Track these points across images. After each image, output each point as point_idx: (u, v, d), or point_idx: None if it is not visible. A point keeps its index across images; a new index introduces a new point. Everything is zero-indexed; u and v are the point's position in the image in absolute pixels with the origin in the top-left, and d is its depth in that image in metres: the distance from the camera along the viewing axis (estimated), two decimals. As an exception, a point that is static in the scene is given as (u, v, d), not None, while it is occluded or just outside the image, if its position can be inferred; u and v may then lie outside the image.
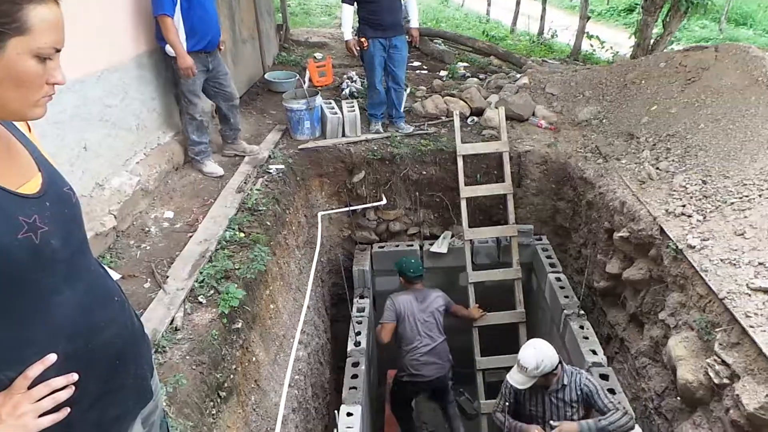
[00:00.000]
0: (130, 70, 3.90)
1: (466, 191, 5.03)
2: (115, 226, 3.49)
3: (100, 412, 1.26)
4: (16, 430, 1.08)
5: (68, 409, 1.16)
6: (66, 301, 1.16)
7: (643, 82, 5.49)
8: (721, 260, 3.14)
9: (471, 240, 5.09)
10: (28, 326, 1.10)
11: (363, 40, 4.91)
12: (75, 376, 1.16)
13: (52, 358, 1.11)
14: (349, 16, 4.97)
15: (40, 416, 1.11)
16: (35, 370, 1.10)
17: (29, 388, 1.10)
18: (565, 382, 3.23)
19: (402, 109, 5.52)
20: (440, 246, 5.29)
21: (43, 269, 1.10)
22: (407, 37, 5.17)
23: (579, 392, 3.22)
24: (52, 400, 1.12)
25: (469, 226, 5.05)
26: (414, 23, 5.32)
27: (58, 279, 1.14)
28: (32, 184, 1.13)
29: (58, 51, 1.07)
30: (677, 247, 3.41)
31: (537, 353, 3.11)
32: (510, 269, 5.07)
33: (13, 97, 1.03)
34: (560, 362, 3.21)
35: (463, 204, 5.02)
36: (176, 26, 3.90)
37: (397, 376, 4.61)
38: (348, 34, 4.99)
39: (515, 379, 3.18)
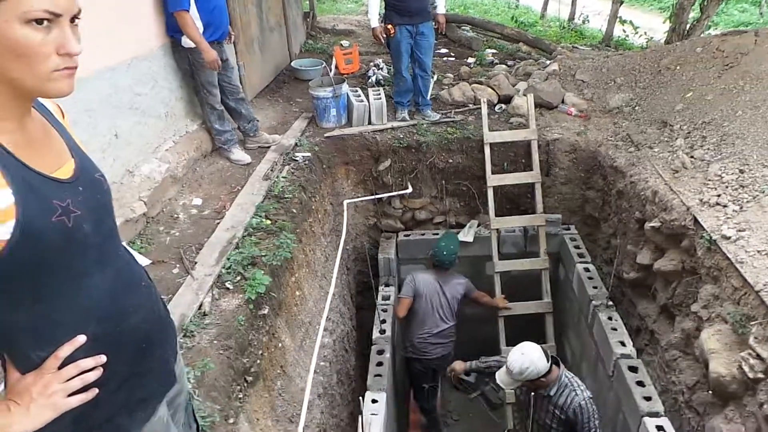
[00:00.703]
0: (158, 59, 3.95)
1: (493, 180, 4.96)
2: (145, 212, 3.56)
3: (127, 394, 1.29)
4: (45, 409, 1.12)
5: (96, 390, 1.19)
6: (96, 285, 1.18)
7: (678, 68, 5.31)
8: (758, 252, 3.04)
9: (497, 229, 5.04)
10: (59, 308, 1.12)
11: (390, 26, 4.87)
12: (103, 358, 1.18)
13: (81, 339, 1.14)
14: (375, 2, 4.94)
15: (69, 396, 1.15)
16: (65, 350, 1.13)
17: (59, 368, 1.13)
18: (551, 393, 3.17)
19: (429, 97, 5.47)
20: (466, 235, 5.25)
21: (75, 253, 1.12)
22: (434, 23, 5.10)
23: (562, 411, 3.15)
24: (81, 380, 1.15)
25: (496, 215, 4.99)
26: (441, 9, 5.24)
27: (88, 263, 1.16)
28: (66, 169, 1.15)
29: (58, 16, 1.00)
30: (711, 237, 3.31)
31: (524, 360, 3.07)
32: (537, 259, 5.00)
33: (20, 69, 0.99)
34: (549, 372, 3.12)
35: (490, 193, 4.97)
36: (194, 19, 3.91)
37: (403, 352, 4.68)
38: (375, 21, 4.96)
39: (501, 379, 3.18)
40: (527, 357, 3.08)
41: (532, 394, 3.27)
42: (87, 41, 3.24)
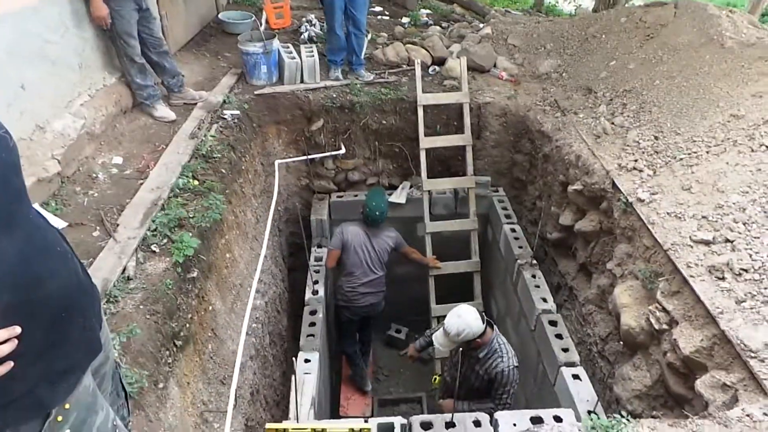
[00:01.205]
0: (69, 3, 3.62)
1: (426, 142, 5.01)
2: (60, 171, 3.32)
3: (47, 365, 1.23)
4: None
5: (11, 363, 1.12)
6: (4, 251, 1.10)
7: (603, 36, 5.51)
8: (668, 213, 3.26)
9: (429, 191, 5.12)
10: None
11: None
12: (17, 329, 1.11)
13: None
14: None
15: None
16: None
17: None
18: (480, 355, 3.32)
19: (362, 56, 5.37)
20: (399, 196, 5.30)
21: None
22: None
23: (486, 372, 3.32)
24: None
25: (428, 177, 5.06)
26: None
27: None
28: None
29: None
30: (627, 200, 3.52)
31: (460, 322, 3.18)
32: (467, 220, 5.15)
33: None
34: (483, 333, 3.25)
35: (423, 155, 5.02)
36: None
37: (334, 300, 4.77)
38: None
39: (439, 341, 3.29)
40: (463, 319, 3.18)
41: (460, 350, 3.41)
42: (-16, -20, 2.85)
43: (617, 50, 5.18)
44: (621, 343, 3.35)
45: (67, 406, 1.30)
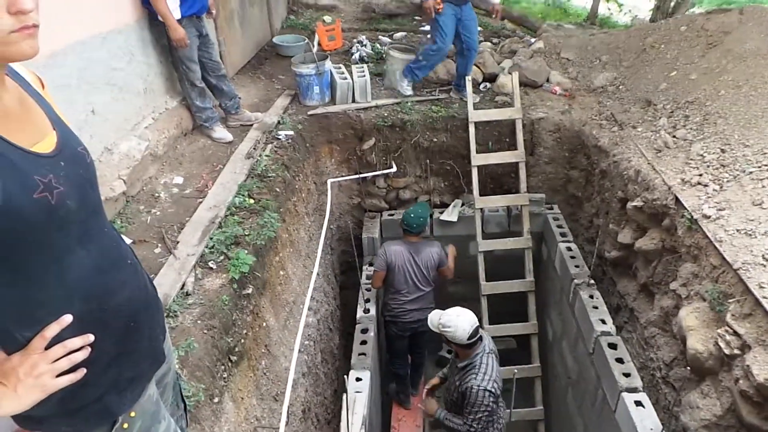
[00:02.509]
0: (134, 32, 3.83)
1: (478, 159, 4.96)
2: (125, 191, 3.49)
3: (116, 373, 1.27)
4: (33, 390, 1.10)
5: (84, 370, 1.16)
6: (80, 263, 1.15)
7: (662, 46, 5.32)
8: (737, 230, 3.08)
9: (481, 209, 5.05)
10: (43, 287, 1.09)
11: (440, 1, 4.80)
12: (91, 337, 1.16)
13: (68, 318, 1.11)
14: None
15: (57, 376, 1.12)
16: (51, 330, 1.10)
17: (46, 348, 1.10)
18: (460, 365, 3.37)
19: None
20: (450, 214, 5.26)
21: (58, 230, 1.09)
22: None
23: (460, 385, 3.34)
24: (69, 360, 1.13)
25: (480, 195, 5.00)
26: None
27: (72, 240, 1.13)
28: (47, 143, 1.10)
29: None
30: (692, 216, 3.35)
31: (452, 320, 3.27)
32: (520, 238, 5.03)
33: None
34: (466, 346, 3.29)
35: (474, 172, 4.96)
36: None
37: (383, 317, 4.72)
38: None
39: (431, 318, 3.47)
40: (455, 320, 3.27)
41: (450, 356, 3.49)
42: (59, 14, 3.12)
43: (678, 60, 4.99)
44: (688, 368, 3.16)
45: (132, 414, 1.34)
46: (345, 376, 3.11)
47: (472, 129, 4.94)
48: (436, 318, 3.42)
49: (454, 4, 4.86)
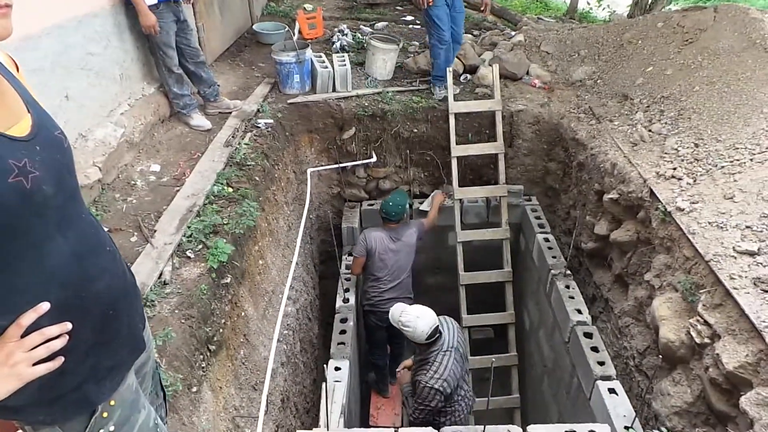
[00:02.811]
0: (111, 16, 3.75)
1: (458, 150, 4.98)
2: (100, 178, 3.42)
3: (95, 362, 1.26)
4: (9, 379, 1.08)
5: (62, 358, 1.15)
6: (58, 249, 1.13)
7: (639, 42, 5.39)
8: (709, 223, 3.16)
9: (461, 199, 5.08)
10: (20, 274, 1.07)
11: None
12: (69, 325, 1.14)
13: (45, 306, 1.09)
14: None
15: (34, 365, 1.10)
16: (28, 318, 1.08)
17: (22, 336, 1.08)
18: (416, 359, 3.50)
19: None
20: (428, 205, 5.28)
21: (35, 216, 1.06)
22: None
23: (413, 375, 3.48)
24: (46, 348, 1.11)
25: (459, 186, 5.03)
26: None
27: (50, 226, 1.11)
28: (22, 126, 1.08)
29: None
30: (666, 209, 3.42)
31: (409, 318, 3.32)
32: (498, 229, 5.08)
33: None
34: (422, 344, 3.37)
35: (454, 163, 4.99)
36: None
37: (361, 306, 4.74)
38: None
39: (392, 311, 3.51)
40: (414, 322, 3.31)
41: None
42: (33, -5, 2.96)
43: (654, 56, 5.07)
44: (660, 357, 3.24)
45: (112, 402, 1.33)
46: (324, 366, 3.13)
47: (452, 120, 4.96)
48: (397, 313, 3.44)
49: None
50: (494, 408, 4.98)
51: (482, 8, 5.45)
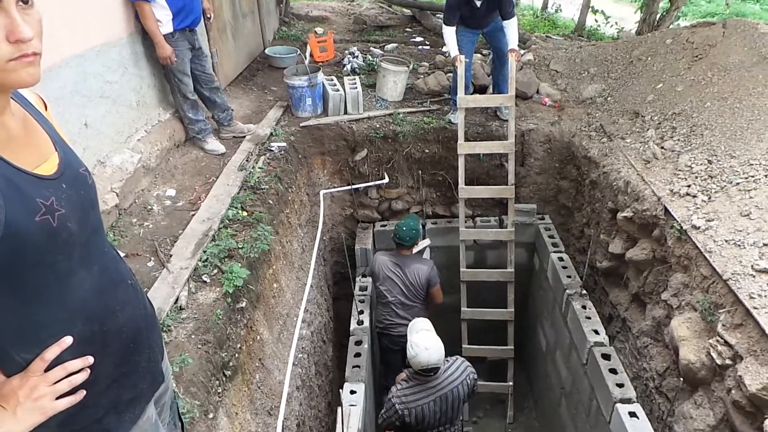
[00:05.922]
0: (128, 46, 3.83)
1: (464, 147, 4.72)
2: (117, 204, 3.47)
3: (116, 395, 1.27)
4: (33, 413, 1.09)
5: (84, 392, 1.16)
6: (81, 284, 1.15)
7: (649, 59, 5.41)
8: (726, 241, 3.13)
9: (467, 200, 4.93)
10: (44, 308, 1.09)
11: (462, 57, 4.71)
12: (91, 359, 1.15)
13: (68, 340, 1.11)
14: (451, 34, 4.81)
15: (57, 398, 1.11)
16: (52, 352, 1.09)
17: (46, 370, 1.10)
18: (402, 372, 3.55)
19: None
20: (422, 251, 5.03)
21: (60, 252, 1.08)
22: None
23: None
24: (69, 382, 1.12)
25: (466, 185, 4.80)
26: (513, 46, 4.82)
27: (73, 261, 1.13)
28: (49, 165, 1.10)
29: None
30: (681, 227, 3.40)
31: (418, 342, 3.23)
32: (504, 230, 4.92)
33: None
34: (414, 372, 3.33)
35: (461, 161, 4.75)
36: (153, 12, 3.79)
37: (375, 326, 4.72)
38: (454, 50, 4.77)
39: (411, 322, 3.58)
40: (421, 351, 3.20)
41: None
42: (54, 28, 3.11)
43: (664, 72, 5.07)
44: (680, 378, 3.19)
45: None
46: (340, 390, 3.11)
47: (461, 115, 4.74)
48: (415, 329, 3.41)
49: (471, 29, 4.91)
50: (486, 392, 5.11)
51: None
